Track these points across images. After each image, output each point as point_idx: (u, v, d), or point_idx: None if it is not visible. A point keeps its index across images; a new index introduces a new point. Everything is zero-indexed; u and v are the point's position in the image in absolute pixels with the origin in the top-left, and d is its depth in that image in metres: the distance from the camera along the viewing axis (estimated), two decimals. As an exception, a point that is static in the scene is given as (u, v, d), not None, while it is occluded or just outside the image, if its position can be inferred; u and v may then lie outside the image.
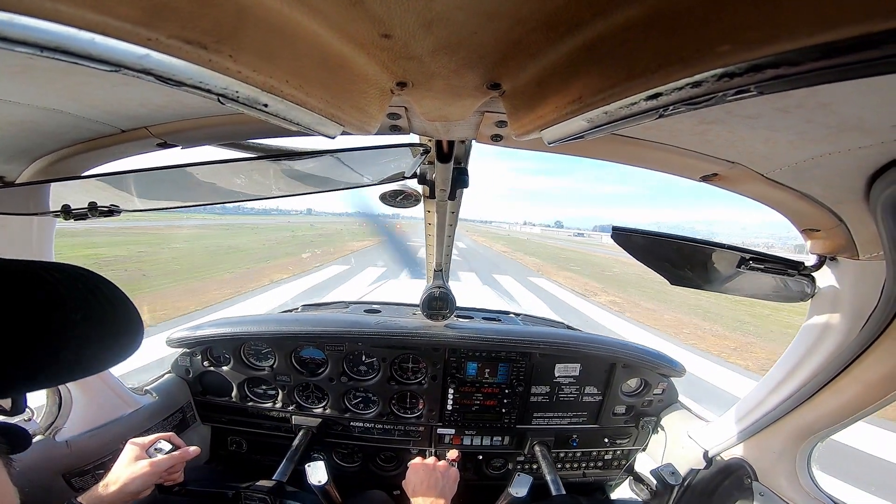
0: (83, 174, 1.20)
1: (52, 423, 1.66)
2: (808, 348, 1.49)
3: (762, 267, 1.29)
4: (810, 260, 1.36)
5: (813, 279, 1.39)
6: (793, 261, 1.34)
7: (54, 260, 1.50)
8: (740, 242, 1.40)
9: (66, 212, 1.18)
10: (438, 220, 1.60)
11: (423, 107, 0.78)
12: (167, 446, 1.48)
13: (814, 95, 0.65)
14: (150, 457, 1.43)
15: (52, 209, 1.21)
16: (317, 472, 1.58)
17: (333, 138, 0.71)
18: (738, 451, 1.85)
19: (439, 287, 2.16)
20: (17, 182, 1.19)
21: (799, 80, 0.34)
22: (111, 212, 1.20)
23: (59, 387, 1.65)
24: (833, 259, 1.32)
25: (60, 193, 1.16)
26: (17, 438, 0.78)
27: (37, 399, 1.66)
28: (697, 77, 0.38)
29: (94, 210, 1.17)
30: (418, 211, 1.61)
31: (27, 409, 1.62)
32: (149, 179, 1.09)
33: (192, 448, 1.53)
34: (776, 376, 1.65)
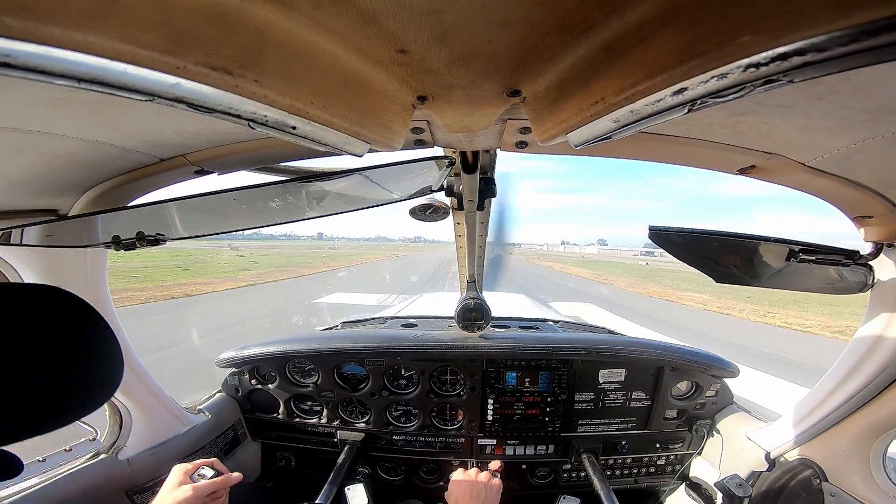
0: (129, 204, 1.27)
1: (115, 442, 1.74)
2: (872, 341, 1.41)
3: (813, 258, 1.22)
4: (866, 248, 1.28)
5: (871, 268, 1.31)
6: (847, 250, 1.27)
7: (108, 289, 1.58)
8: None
9: (117, 242, 1.24)
10: (468, 232, 1.60)
11: (445, 119, 0.78)
12: (210, 472, 1.51)
13: (847, 80, 0.62)
14: (194, 482, 1.46)
15: (102, 240, 1.27)
16: (356, 496, 1.59)
17: (361, 156, 0.72)
18: (802, 452, 1.76)
19: (473, 298, 2.15)
20: (70, 215, 1.26)
21: (828, 66, 0.33)
22: (157, 241, 1.25)
23: (120, 408, 1.74)
24: (891, 246, 1.24)
25: (109, 224, 1.21)
26: (6, 466, 0.79)
27: (101, 420, 1.75)
28: (722, 69, 0.37)
29: (141, 239, 1.23)
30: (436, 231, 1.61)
31: (91, 430, 1.71)
32: (190, 207, 1.14)
33: (235, 474, 1.56)
34: (839, 372, 1.56)
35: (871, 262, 1.30)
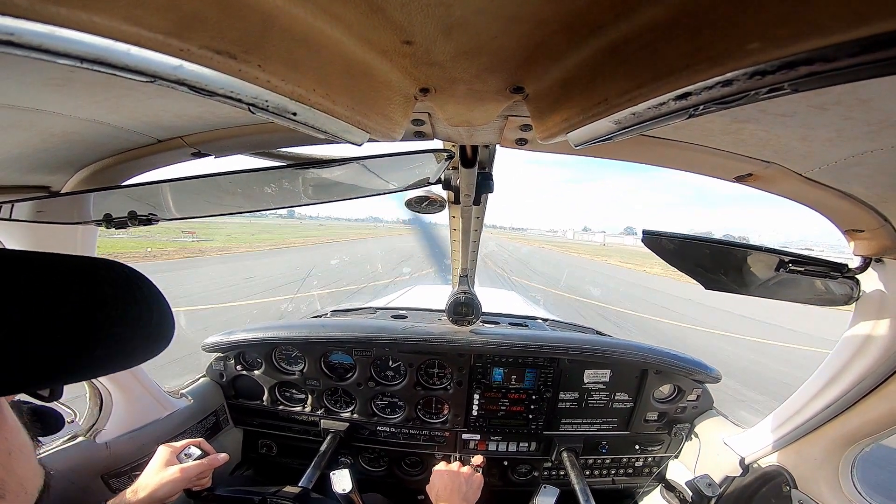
0: (122, 183, 1.26)
1: (93, 424, 1.73)
2: (852, 353, 1.43)
3: (802, 269, 1.23)
4: (854, 261, 1.30)
5: (857, 282, 1.33)
6: (836, 263, 1.28)
7: None
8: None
9: (108, 220, 1.23)
10: (463, 226, 1.60)
11: (447, 112, 0.78)
12: (196, 452, 1.50)
13: (853, 92, 0.62)
14: (181, 462, 1.45)
15: (94, 218, 1.26)
16: (342, 481, 1.59)
17: (360, 145, 0.72)
18: (776, 459, 1.79)
19: (465, 292, 2.16)
20: (62, 192, 1.25)
21: (835, 77, 0.33)
22: (149, 220, 1.24)
23: (101, 390, 1.72)
24: (879, 261, 1.26)
25: (101, 202, 1.20)
26: (50, 421, 0.79)
27: (80, 403, 1.73)
28: (728, 75, 0.37)
29: (133, 219, 1.21)
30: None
31: (70, 412, 1.69)
32: (184, 188, 1.13)
33: (222, 455, 1.56)
34: (818, 382, 1.58)
35: (857, 276, 1.32)
